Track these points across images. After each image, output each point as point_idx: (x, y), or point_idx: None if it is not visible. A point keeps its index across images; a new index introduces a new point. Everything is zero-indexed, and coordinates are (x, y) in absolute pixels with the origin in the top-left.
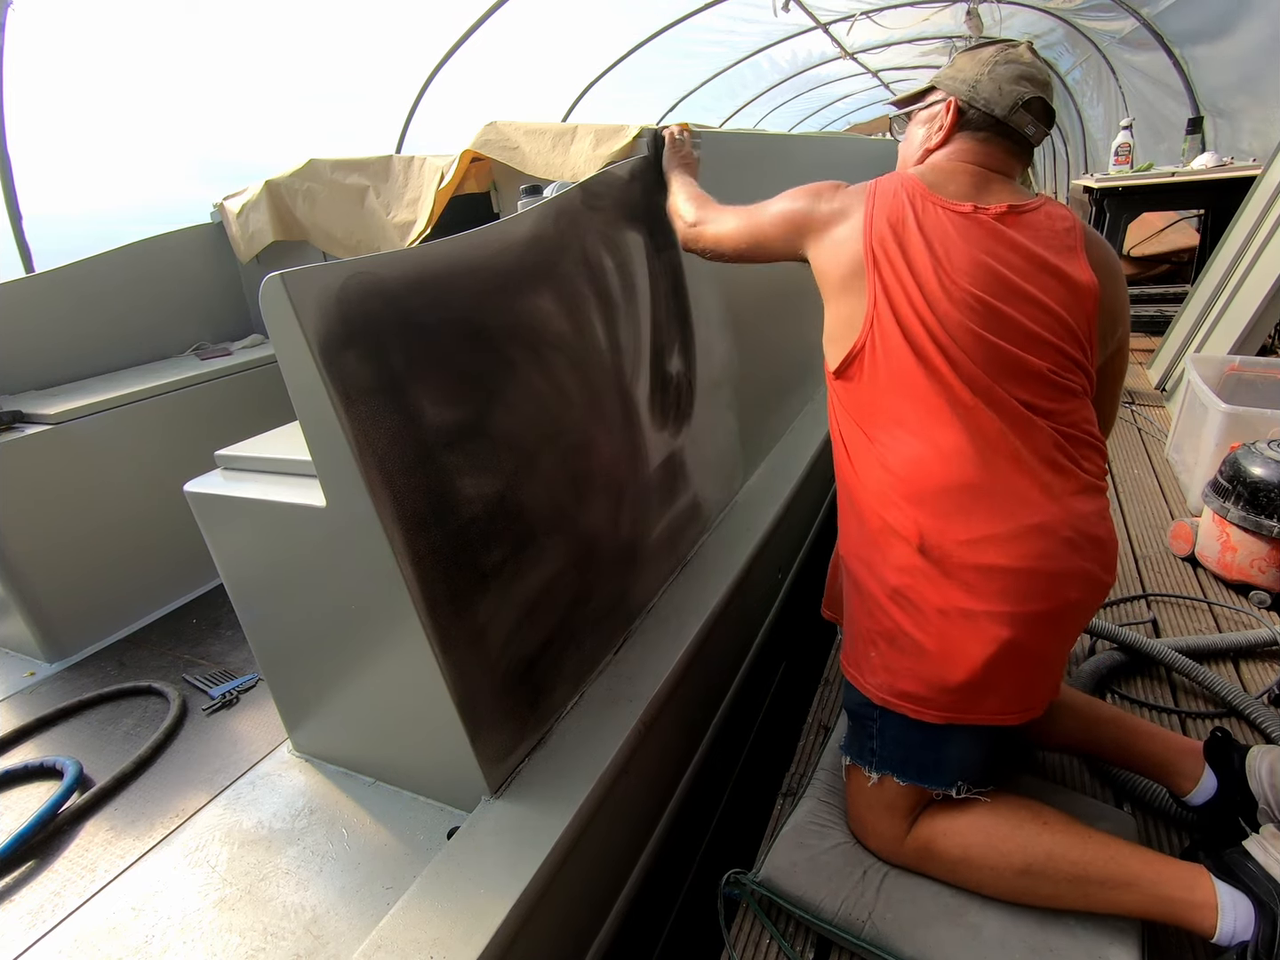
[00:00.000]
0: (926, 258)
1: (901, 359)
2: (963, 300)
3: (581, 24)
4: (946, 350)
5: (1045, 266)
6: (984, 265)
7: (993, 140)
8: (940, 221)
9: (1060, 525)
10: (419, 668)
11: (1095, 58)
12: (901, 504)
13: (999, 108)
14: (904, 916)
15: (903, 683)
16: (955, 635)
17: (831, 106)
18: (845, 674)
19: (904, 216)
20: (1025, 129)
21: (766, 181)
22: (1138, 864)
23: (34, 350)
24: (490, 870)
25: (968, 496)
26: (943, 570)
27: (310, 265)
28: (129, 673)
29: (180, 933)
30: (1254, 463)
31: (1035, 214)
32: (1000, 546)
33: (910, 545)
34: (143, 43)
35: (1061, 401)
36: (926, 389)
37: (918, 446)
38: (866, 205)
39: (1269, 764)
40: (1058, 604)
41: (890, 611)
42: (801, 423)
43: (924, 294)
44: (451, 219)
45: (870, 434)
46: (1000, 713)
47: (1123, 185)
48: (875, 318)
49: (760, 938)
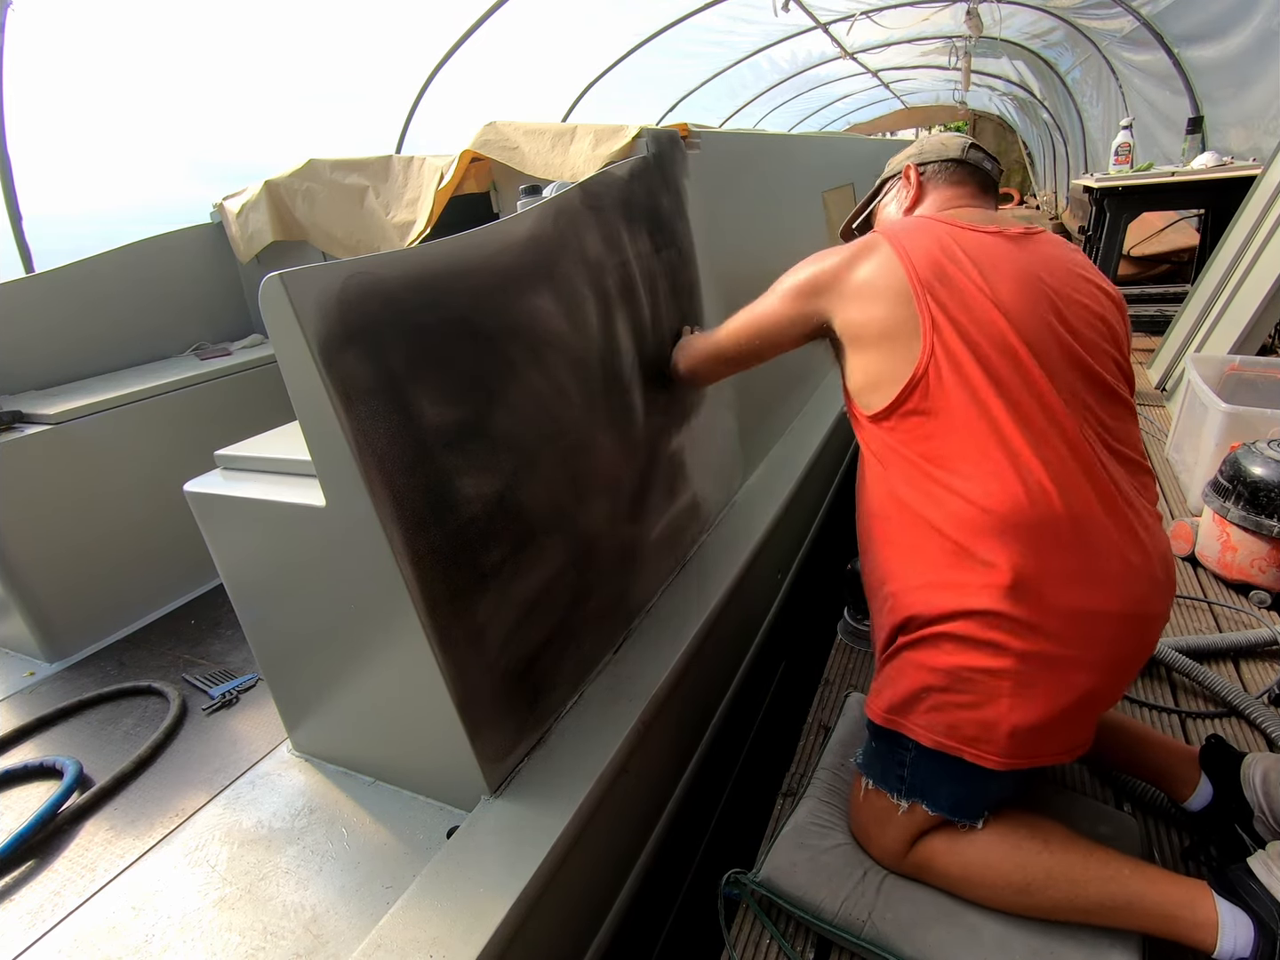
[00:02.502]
0: (978, 275)
1: (972, 380)
2: (1029, 309)
3: (581, 24)
4: (1023, 363)
5: (1082, 276)
6: (1034, 277)
7: (964, 181)
8: (979, 242)
9: (1155, 565)
10: (419, 667)
11: (1095, 58)
12: (991, 537)
13: (951, 152)
14: (904, 917)
15: (962, 726)
16: (1034, 680)
17: (831, 106)
18: (886, 724)
19: (942, 243)
20: (983, 164)
21: (766, 182)
22: (1139, 883)
23: (34, 350)
24: (490, 869)
25: (1069, 531)
26: (1034, 611)
27: (310, 265)
28: (129, 672)
29: (180, 932)
30: (1254, 462)
31: (1044, 235)
32: (1104, 588)
33: (999, 581)
34: (142, 43)
35: (1121, 419)
36: (1001, 410)
37: (1000, 475)
38: (890, 243)
39: (1262, 772)
40: (1140, 649)
41: (960, 650)
42: (801, 423)
43: (992, 306)
44: (451, 219)
45: (935, 468)
46: (1059, 754)
47: (1123, 185)
48: (936, 343)
49: (760, 938)
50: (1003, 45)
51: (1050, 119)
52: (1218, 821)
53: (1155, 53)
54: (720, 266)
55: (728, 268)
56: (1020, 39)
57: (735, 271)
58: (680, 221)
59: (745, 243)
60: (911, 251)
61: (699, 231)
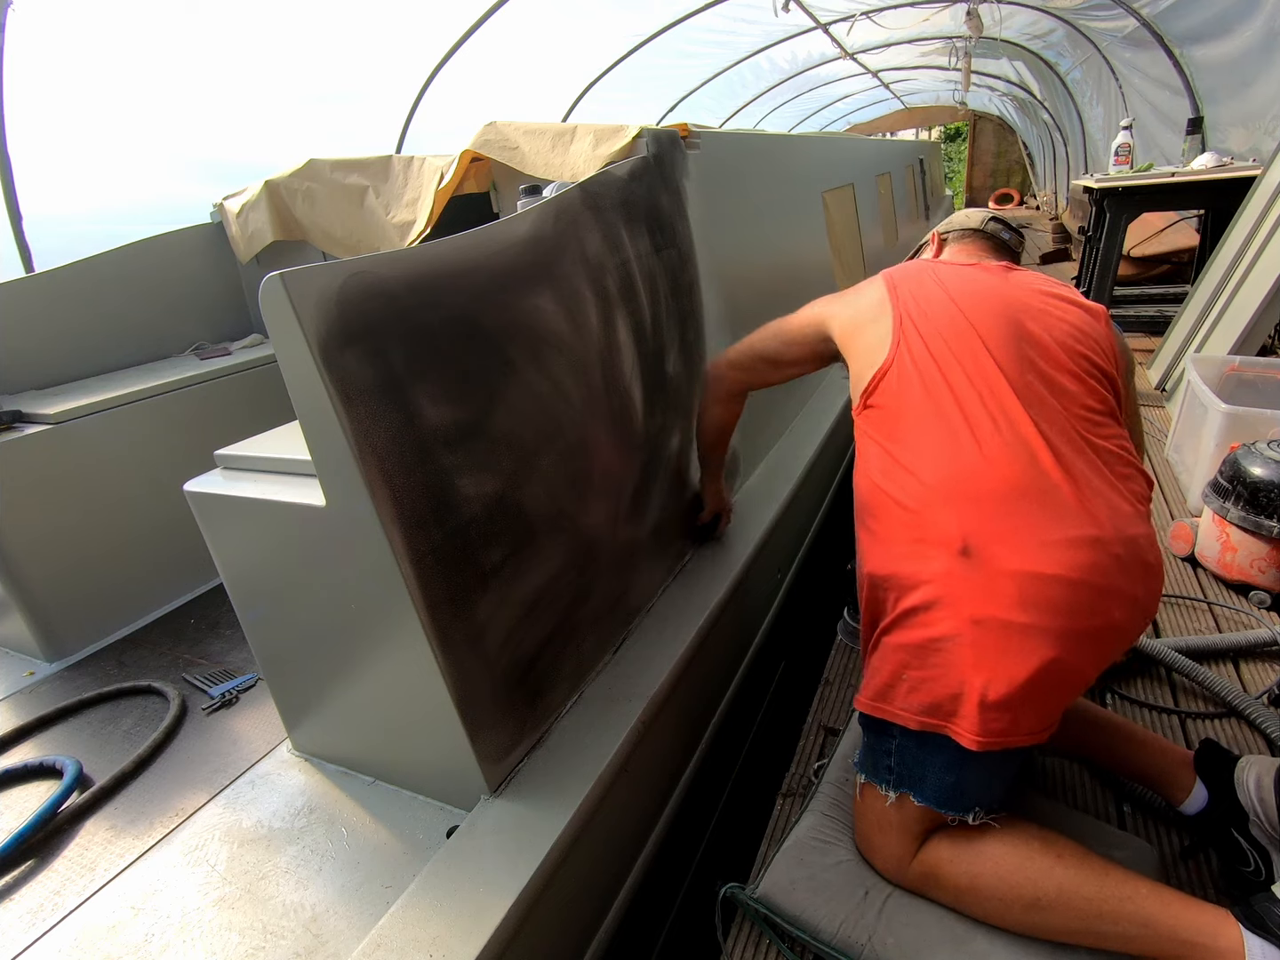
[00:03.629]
0: (947, 288)
1: (927, 372)
2: (992, 313)
3: (581, 24)
4: (980, 359)
5: (1056, 295)
6: (1003, 292)
7: (977, 243)
8: (956, 270)
9: (1112, 541)
10: (419, 667)
11: (1095, 58)
12: (941, 507)
13: (972, 224)
14: (906, 941)
15: (939, 703)
16: (993, 647)
17: (831, 107)
18: (872, 712)
19: (921, 266)
20: (1000, 234)
21: (766, 182)
22: (1156, 905)
23: (34, 350)
24: (489, 869)
25: (1015, 500)
26: (984, 575)
27: (310, 265)
28: (129, 672)
29: (180, 931)
30: (1254, 463)
31: (1026, 270)
32: (1049, 553)
33: (950, 548)
34: (142, 43)
35: (1097, 415)
36: (949, 398)
37: (955, 452)
38: (882, 273)
39: (1255, 776)
40: (1102, 622)
41: (924, 622)
42: (800, 423)
43: (956, 310)
44: (451, 219)
45: (896, 448)
46: (1032, 732)
47: (1123, 185)
48: (902, 339)
49: (757, 954)
50: (1003, 46)
51: (1050, 119)
52: (1213, 825)
53: (1155, 53)
54: (720, 266)
55: (728, 268)
56: (1020, 39)
57: (735, 271)
58: (680, 221)
59: (745, 243)
60: (895, 274)
61: (699, 231)
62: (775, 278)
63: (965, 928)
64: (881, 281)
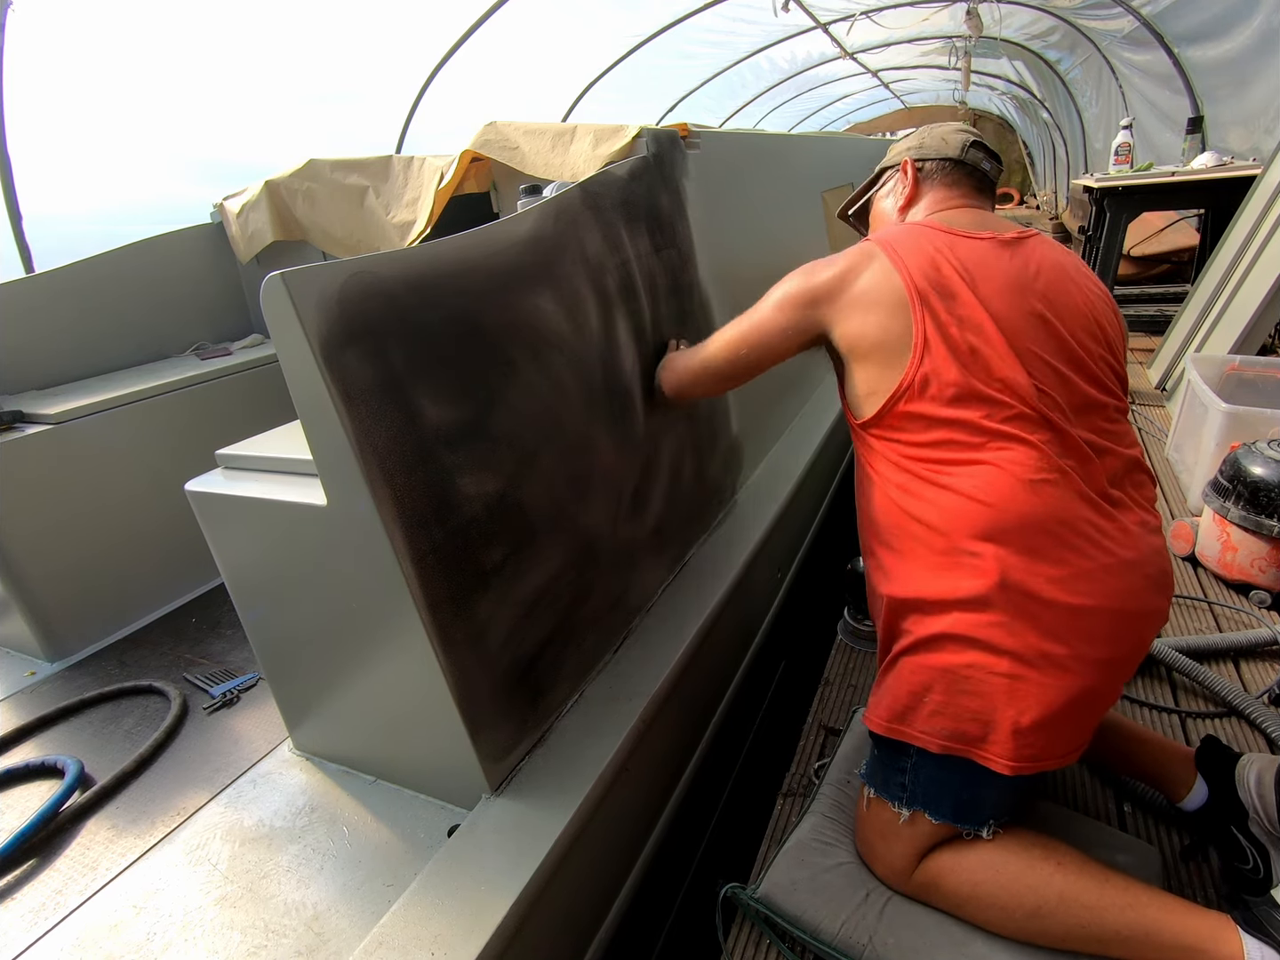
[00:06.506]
0: (970, 283)
1: (958, 386)
2: (1019, 315)
3: (581, 24)
4: (1011, 369)
5: (1074, 280)
6: (1026, 283)
7: (960, 181)
8: (972, 248)
9: (1145, 562)
10: (420, 666)
11: (1095, 57)
12: (976, 539)
13: (950, 150)
14: (906, 943)
15: (966, 728)
16: (1030, 678)
17: (831, 106)
18: (889, 734)
19: (937, 250)
20: (981, 165)
21: (766, 181)
22: (1157, 912)
23: (34, 350)
24: (490, 868)
25: (1054, 526)
26: (1022, 610)
27: (311, 265)
28: (130, 672)
29: (181, 930)
30: (1254, 462)
31: (1037, 238)
32: (1090, 584)
33: (987, 577)
34: (142, 43)
35: (1115, 420)
36: (984, 414)
37: (990, 474)
38: (885, 251)
39: (1256, 773)
40: (1137, 643)
41: (954, 649)
42: (801, 422)
43: (984, 314)
44: (451, 219)
45: (926, 469)
46: (1064, 755)
47: (1123, 185)
48: (926, 353)
49: (757, 954)
50: (1003, 45)
51: (1050, 119)
52: (1213, 822)
53: (1155, 52)
54: (720, 267)
55: (728, 268)
56: (1020, 39)
57: (735, 271)
58: (680, 221)
59: (745, 242)
60: (908, 260)
61: (699, 231)
62: (775, 277)
63: (966, 930)
64: (891, 266)
